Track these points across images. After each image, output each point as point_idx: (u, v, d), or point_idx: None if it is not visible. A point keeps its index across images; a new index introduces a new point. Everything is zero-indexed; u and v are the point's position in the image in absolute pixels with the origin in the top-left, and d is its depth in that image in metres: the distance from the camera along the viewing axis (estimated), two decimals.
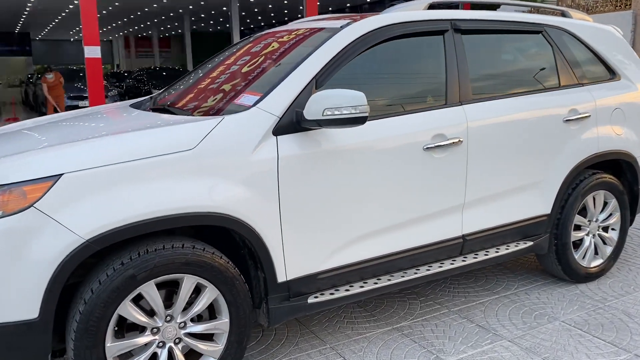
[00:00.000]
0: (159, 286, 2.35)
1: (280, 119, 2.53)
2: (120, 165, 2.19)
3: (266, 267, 2.51)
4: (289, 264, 2.58)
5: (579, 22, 3.74)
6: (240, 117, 2.48)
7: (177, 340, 2.39)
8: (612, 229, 3.83)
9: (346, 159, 2.66)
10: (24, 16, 25.60)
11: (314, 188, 2.59)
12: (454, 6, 3.59)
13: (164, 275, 2.28)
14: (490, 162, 3.12)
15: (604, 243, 3.81)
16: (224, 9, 23.29)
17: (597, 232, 3.75)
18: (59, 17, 26.19)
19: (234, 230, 2.40)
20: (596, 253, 3.79)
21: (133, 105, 3.26)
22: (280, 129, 2.52)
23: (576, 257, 3.64)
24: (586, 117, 3.50)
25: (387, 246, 2.87)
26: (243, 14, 25.23)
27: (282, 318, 2.62)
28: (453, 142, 2.94)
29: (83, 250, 2.10)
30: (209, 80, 3.22)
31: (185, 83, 3.51)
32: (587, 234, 3.71)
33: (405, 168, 2.83)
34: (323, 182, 2.61)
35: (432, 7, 3.26)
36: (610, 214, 3.79)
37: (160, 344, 2.35)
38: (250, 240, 2.44)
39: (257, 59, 3.09)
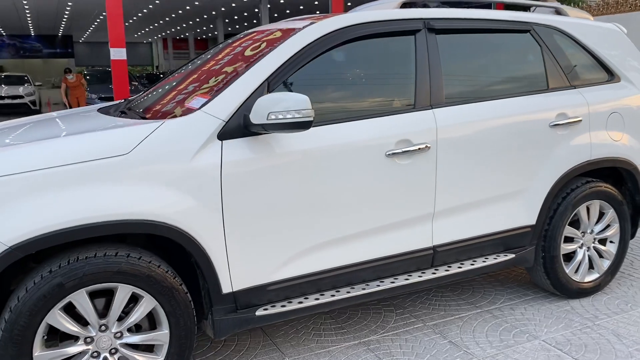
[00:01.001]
0: (100, 294, 2.29)
1: (227, 122, 2.43)
2: (48, 171, 2.13)
3: (209, 278, 2.41)
4: (235, 274, 2.47)
5: (573, 21, 3.50)
6: (182, 120, 2.39)
7: (112, 351, 2.31)
8: (611, 242, 3.58)
9: (300, 164, 2.54)
10: (64, 19, 26.41)
11: (263, 195, 2.47)
12: (454, 5, 3.36)
13: (95, 284, 2.21)
14: (464, 170, 2.94)
15: (601, 256, 3.56)
16: (256, 10, 23.43)
17: (593, 244, 3.51)
18: (98, 20, 26.89)
19: (173, 239, 2.31)
20: (592, 267, 3.55)
21: (101, 110, 3.21)
22: (227, 134, 2.42)
23: (567, 271, 3.41)
24: (577, 121, 3.26)
25: (348, 257, 2.73)
26: (275, 15, 25.32)
27: (228, 330, 2.52)
28: (419, 149, 2.77)
29: (6, 257, 2.05)
30: (179, 82, 3.15)
31: (161, 86, 3.45)
32: (581, 247, 3.47)
33: (365, 175, 2.68)
34: (273, 189, 2.49)
35: (405, 5, 3.10)
36: (608, 226, 3.54)
37: (95, 354, 2.28)
38: (190, 249, 2.34)
39: (223, 60, 3.00)
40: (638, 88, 3.58)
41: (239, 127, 2.44)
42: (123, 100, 3.54)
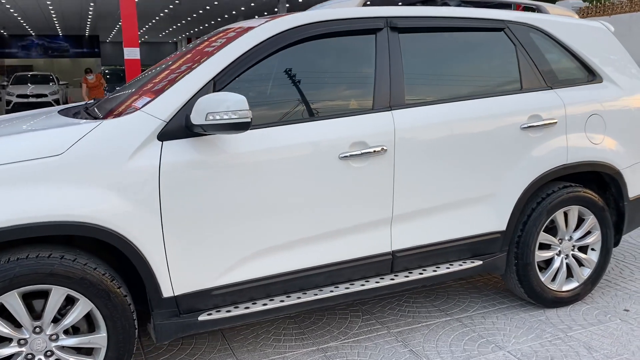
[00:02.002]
0: (39, 295, 2.27)
1: (168, 123, 2.38)
2: None
3: (147, 281, 2.37)
4: (176, 278, 2.42)
5: (553, 19, 3.35)
6: (120, 121, 2.35)
7: (48, 353, 2.29)
8: (592, 249, 3.43)
9: (247, 167, 2.48)
10: (89, 20, 26.88)
11: (207, 198, 2.42)
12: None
13: (27, 285, 2.18)
14: (425, 174, 2.83)
15: (581, 265, 3.41)
16: (275, 10, 23.48)
17: (572, 252, 3.36)
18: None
19: (108, 241, 2.27)
20: (572, 275, 3.40)
21: (62, 111, 3.18)
22: (168, 134, 2.38)
23: (543, 279, 3.27)
24: (551, 123, 3.12)
25: (299, 261, 2.66)
26: None
27: (170, 335, 2.47)
28: (374, 151, 2.68)
29: None
30: (144, 82, 3.11)
31: (129, 85, 3.42)
32: (558, 254, 3.32)
33: (317, 178, 2.60)
34: (218, 192, 2.44)
35: (367, 3, 3.01)
36: (589, 232, 3.38)
37: (30, 356, 2.26)
38: (127, 252, 2.30)
39: (183, 60, 2.95)
40: (622, 89, 3.41)
41: (181, 127, 2.40)
42: (93, 100, 3.53)
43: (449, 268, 2.97)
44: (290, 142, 2.56)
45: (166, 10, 23.83)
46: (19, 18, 26.56)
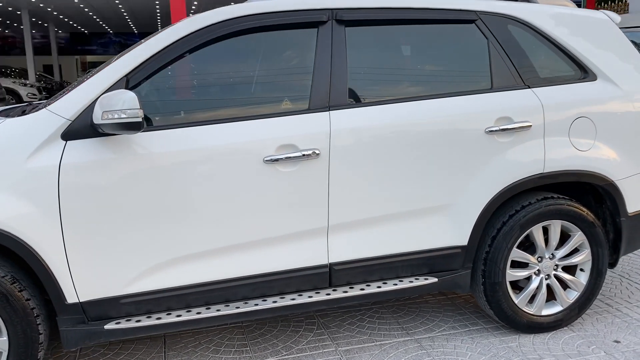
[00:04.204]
0: None
1: (73, 122, 2.28)
2: None
3: (48, 287, 2.28)
4: (80, 284, 2.32)
5: (538, 9, 2.98)
6: (22, 119, 2.27)
7: None
8: (581, 270, 3.03)
9: (161, 168, 2.34)
10: (158, 18, 27.83)
11: (113, 201, 2.30)
12: None
13: None
14: (367, 181, 2.58)
15: (567, 287, 3.02)
16: None
17: (554, 272, 2.98)
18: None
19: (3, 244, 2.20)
20: (555, 298, 3.02)
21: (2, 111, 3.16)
22: (72, 134, 2.28)
23: (516, 301, 2.92)
24: (524, 127, 2.77)
25: (221, 271, 2.49)
26: None
27: (77, 342, 2.37)
28: (304, 155, 2.46)
29: None
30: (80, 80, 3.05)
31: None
32: (537, 274, 2.96)
33: (238, 182, 2.42)
34: (126, 195, 2.31)
35: None
36: (577, 251, 2.99)
37: None
38: (23, 255, 2.22)
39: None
40: (621, 88, 2.98)
41: (87, 127, 2.29)
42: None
43: (396, 285, 2.70)
44: (209, 143, 2.39)
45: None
46: (95, 17, 27.94)
